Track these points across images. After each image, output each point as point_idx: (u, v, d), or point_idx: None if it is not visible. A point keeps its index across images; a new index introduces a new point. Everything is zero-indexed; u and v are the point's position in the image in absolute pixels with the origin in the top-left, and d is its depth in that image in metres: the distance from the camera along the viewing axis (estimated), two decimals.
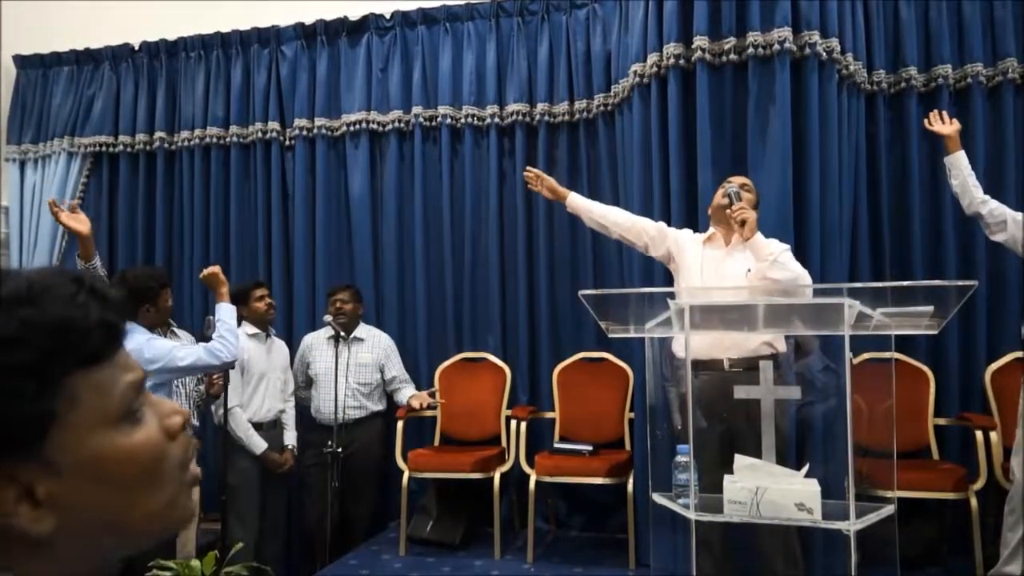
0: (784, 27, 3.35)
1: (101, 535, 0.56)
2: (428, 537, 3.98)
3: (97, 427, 0.55)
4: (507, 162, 4.54)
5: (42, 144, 5.18)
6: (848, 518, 2.09)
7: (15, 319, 0.53)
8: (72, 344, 0.54)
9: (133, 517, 0.57)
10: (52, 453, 0.53)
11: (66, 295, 0.55)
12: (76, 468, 0.54)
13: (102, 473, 0.55)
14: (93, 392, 0.55)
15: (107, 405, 0.56)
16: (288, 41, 4.83)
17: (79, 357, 0.55)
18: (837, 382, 2.33)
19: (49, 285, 0.55)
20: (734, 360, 2.78)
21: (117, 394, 0.57)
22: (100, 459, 0.55)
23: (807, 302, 2.57)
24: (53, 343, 0.53)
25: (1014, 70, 3.80)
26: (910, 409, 3.53)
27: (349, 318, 4.17)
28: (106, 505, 0.56)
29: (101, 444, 0.55)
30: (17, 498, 0.52)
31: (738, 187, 2.92)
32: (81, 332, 0.55)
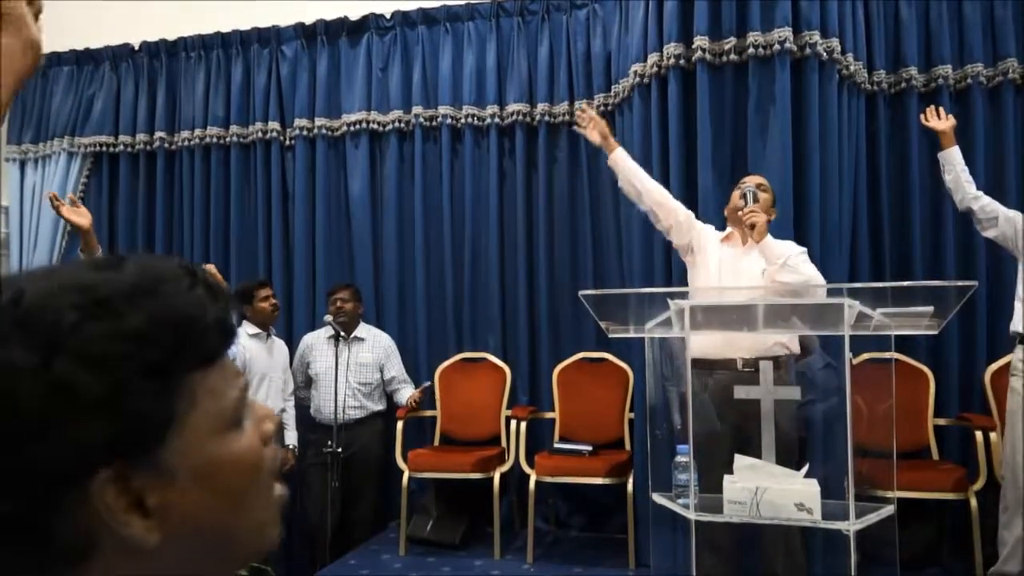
0: (784, 27, 3.35)
1: (202, 550, 0.53)
2: (428, 537, 3.98)
3: (211, 432, 0.52)
4: (507, 162, 4.55)
5: (42, 144, 5.18)
6: (848, 518, 2.09)
7: (143, 312, 0.49)
8: (192, 342, 0.51)
9: (235, 531, 0.54)
10: (167, 460, 0.50)
11: (183, 288, 0.52)
12: (189, 475, 0.51)
13: (213, 482, 0.52)
14: (208, 395, 0.52)
15: (221, 409, 0.53)
16: (288, 41, 4.83)
17: (198, 356, 0.52)
18: (837, 382, 2.33)
19: (163, 275, 0.52)
20: (747, 360, 2.76)
21: (231, 397, 0.54)
22: (213, 467, 0.52)
23: (808, 302, 2.57)
24: (177, 340, 0.50)
25: (1014, 70, 3.80)
26: (910, 409, 3.53)
27: (349, 317, 4.17)
28: (213, 517, 0.52)
29: (214, 451, 0.52)
30: (128, 506, 0.49)
31: (754, 187, 2.88)
32: (201, 330, 0.51)
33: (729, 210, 3.03)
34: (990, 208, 3.25)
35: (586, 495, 4.17)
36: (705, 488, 2.33)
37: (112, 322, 0.48)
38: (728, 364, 2.78)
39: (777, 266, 2.72)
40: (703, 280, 2.98)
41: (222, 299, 0.54)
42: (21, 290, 0.49)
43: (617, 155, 3.14)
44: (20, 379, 0.46)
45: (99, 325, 0.48)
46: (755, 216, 2.76)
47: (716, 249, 3.00)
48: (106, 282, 0.50)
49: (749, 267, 2.87)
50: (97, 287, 0.49)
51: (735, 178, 3.31)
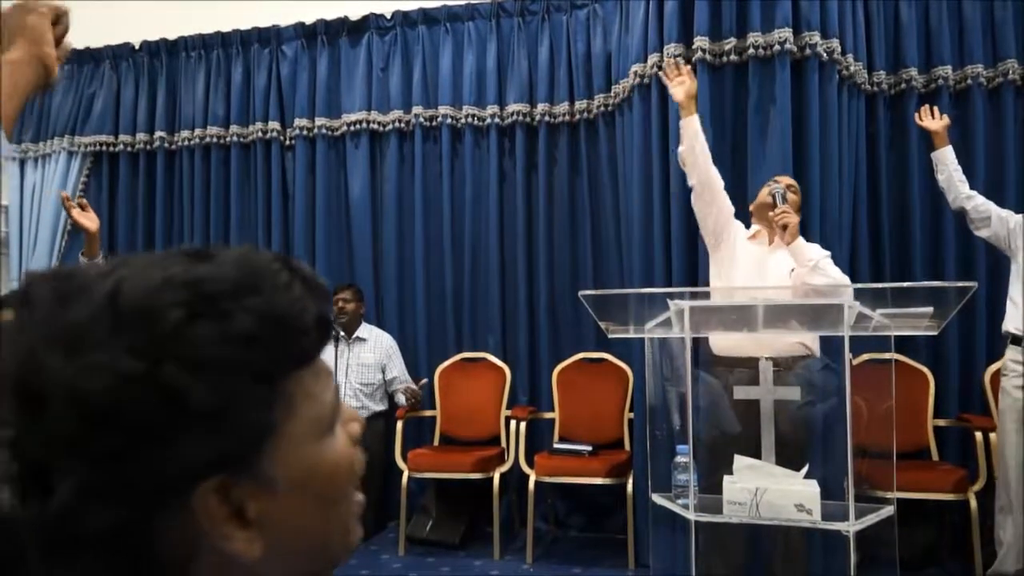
0: (784, 28, 3.35)
1: (296, 559, 0.50)
2: (428, 537, 3.98)
3: (310, 438, 0.49)
4: (507, 162, 4.55)
5: (42, 143, 5.18)
6: (847, 519, 2.09)
7: (249, 312, 0.45)
8: (293, 343, 0.48)
9: (328, 538, 0.52)
10: (268, 468, 0.47)
11: (282, 283, 0.48)
12: (289, 484, 0.48)
13: (312, 489, 0.50)
14: (306, 399, 0.49)
15: (319, 414, 0.50)
16: (288, 41, 4.83)
17: (297, 358, 0.48)
18: (837, 383, 2.33)
19: (263, 270, 0.48)
20: (771, 359, 2.74)
21: (326, 401, 0.51)
22: (312, 474, 0.49)
23: (808, 303, 2.57)
24: (281, 342, 0.47)
25: (1014, 71, 3.80)
26: (910, 410, 3.53)
27: (351, 318, 4.17)
28: (311, 525, 0.50)
29: (313, 457, 0.50)
30: (229, 517, 0.46)
31: (784, 188, 2.87)
32: (302, 329, 0.48)
33: (756, 207, 3.00)
34: (983, 208, 3.27)
35: (585, 495, 4.18)
36: (716, 489, 2.32)
37: (221, 323, 0.45)
38: (750, 363, 2.75)
39: (808, 268, 2.70)
40: (728, 277, 2.95)
41: (321, 294, 0.50)
42: (117, 284, 0.45)
43: (692, 119, 2.95)
44: (126, 387, 0.43)
45: (208, 327, 0.44)
46: (788, 217, 2.75)
47: (744, 247, 2.97)
48: (209, 278, 0.46)
49: (775, 266, 2.86)
50: (201, 283, 0.46)
51: (735, 179, 3.31)
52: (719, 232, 2.98)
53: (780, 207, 2.78)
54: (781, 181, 2.94)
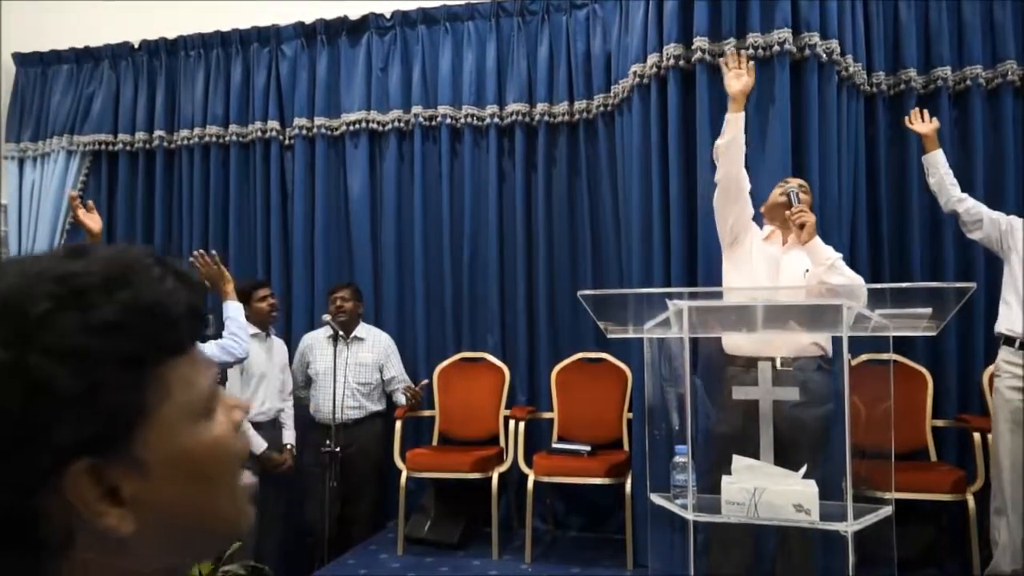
0: (784, 28, 3.35)
1: (177, 538, 0.53)
2: (426, 537, 3.98)
3: (183, 422, 0.52)
4: (507, 162, 4.55)
5: (41, 142, 5.18)
6: (846, 519, 2.09)
7: (115, 302, 0.48)
8: (164, 332, 0.51)
9: (210, 517, 0.54)
10: (140, 450, 0.50)
11: (154, 277, 0.51)
12: (162, 466, 0.51)
13: (186, 471, 0.52)
14: (180, 384, 0.52)
15: (193, 399, 0.53)
16: (288, 40, 4.83)
17: (170, 346, 0.51)
18: (835, 383, 2.33)
19: (133, 264, 0.51)
20: (785, 359, 2.71)
21: (202, 387, 0.54)
22: (186, 456, 0.52)
23: (806, 303, 2.57)
24: (150, 330, 0.50)
25: (1013, 72, 3.80)
26: (908, 410, 3.53)
27: (349, 317, 4.17)
28: (187, 504, 0.53)
29: (187, 440, 0.52)
30: (102, 497, 0.49)
31: (797, 187, 2.87)
32: (173, 319, 0.51)
33: (768, 208, 3.00)
34: (975, 211, 3.30)
35: (584, 495, 4.18)
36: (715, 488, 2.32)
37: (86, 314, 0.48)
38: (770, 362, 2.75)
39: (825, 267, 2.70)
40: (743, 277, 2.94)
41: (193, 288, 0.54)
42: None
43: (740, 116, 2.93)
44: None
45: (72, 317, 0.47)
46: (805, 216, 2.76)
47: (759, 247, 2.97)
48: (78, 272, 0.49)
49: (790, 267, 2.86)
50: (71, 278, 0.49)
51: None
52: (738, 232, 2.98)
53: (796, 206, 2.79)
54: (792, 182, 2.95)
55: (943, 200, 3.37)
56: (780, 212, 2.89)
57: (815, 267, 2.75)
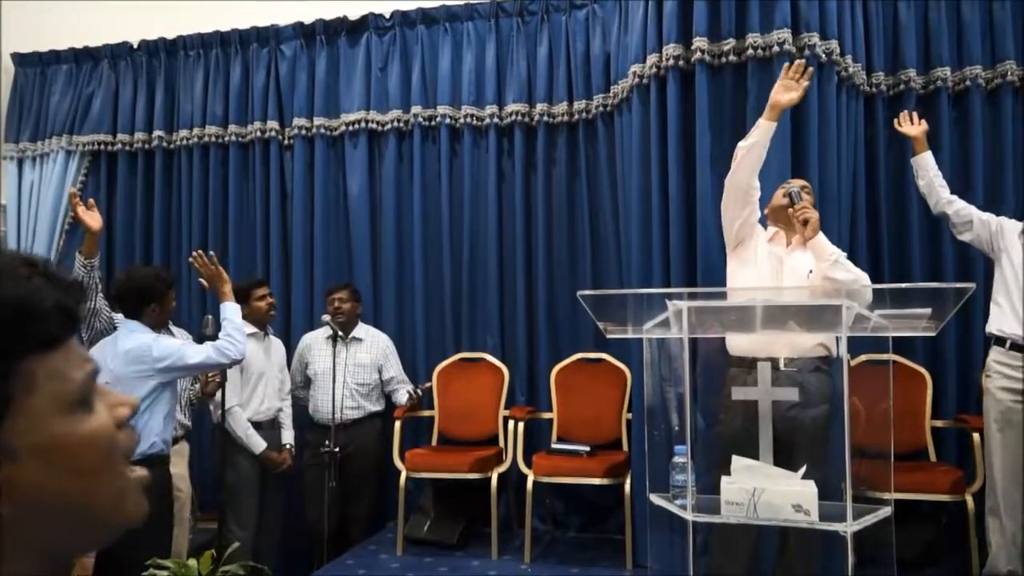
0: (783, 29, 3.35)
1: (55, 525, 0.56)
2: (425, 537, 3.98)
3: (54, 413, 0.55)
4: (506, 162, 4.55)
5: (40, 142, 5.18)
6: (845, 520, 2.09)
7: None
8: (29, 327, 0.54)
9: (90, 507, 0.57)
10: (7, 438, 0.52)
11: (20, 276, 0.54)
12: (32, 453, 0.53)
13: (59, 459, 0.55)
14: (50, 377, 0.55)
15: (63, 391, 0.55)
16: (287, 40, 4.83)
17: (36, 341, 0.54)
18: (835, 384, 2.33)
19: (2, 266, 0.55)
20: (789, 359, 2.72)
21: (74, 380, 0.56)
22: (57, 445, 0.55)
23: (805, 303, 2.57)
24: (11, 325, 0.53)
25: (1013, 72, 3.80)
26: (907, 411, 3.53)
27: (348, 317, 4.17)
28: (61, 492, 0.55)
29: (58, 430, 0.55)
30: None
31: (799, 188, 2.89)
32: (39, 315, 0.54)
33: (772, 209, 2.99)
34: (964, 212, 3.32)
35: (583, 495, 4.18)
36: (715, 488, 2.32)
37: None
38: (771, 363, 2.74)
39: (830, 262, 2.71)
40: (748, 278, 2.94)
41: (63, 286, 0.56)
42: None
43: (772, 125, 2.89)
44: None
45: None
46: (808, 212, 2.76)
47: (764, 249, 2.97)
48: None
49: (794, 268, 2.86)
50: None
51: None
52: (743, 236, 2.98)
53: (799, 203, 2.79)
54: (794, 183, 2.96)
55: (932, 202, 3.39)
56: (783, 213, 2.89)
57: (819, 263, 2.75)
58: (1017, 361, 3.10)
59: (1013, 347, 3.11)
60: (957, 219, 3.32)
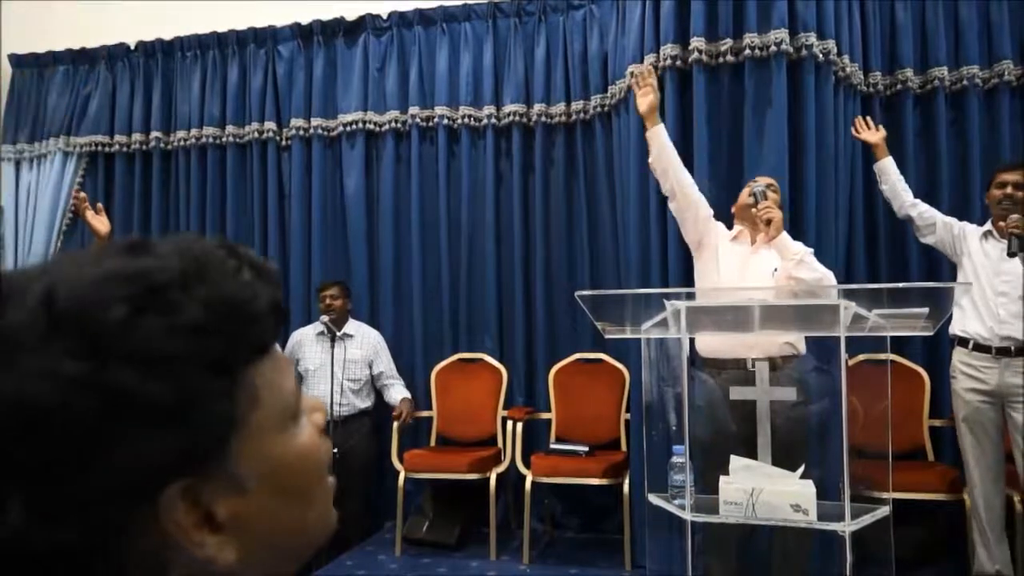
0: (781, 28, 3.35)
1: (274, 556, 0.48)
2: (424, 538, 3.98)
3: (276, 429, 0.47)
4: (504, 163, 4.54)
5: (37, 143, 5.17)
6: (843, 519, 2.09)
7: (195, 301, 0.43)
8: (247, 331, 0.45)
9: (305, 530, 0.50)
10: (235, 466, 0.44)
11: (230, 270, 0.46)
12: (259, 480, 0.46)
13: (283, 483, 0.47)
14: (269, 389, 0.47)
15: (282, 403, 0.48)
16: (284, 41, 4.82)
17: (254, 347, 0.46)
18: (833, 383, 2.33)
19: (207, 257, 0.45)
20: (758, 359, 2.70)
21: (288, 389, 0.49)
22: (280, 467, 0.47)
23: (804, 303, 2.57)
24: (233, 330, 0.44)
25: (1010, 72, 3.81)
26: (905, 410, 3.53)
27: (339, 314, 4.17)
28: (284, 519, 0.48)
29: (280, 449, 0.47)
30: (198, 523, 0.44)
31: (764, 186, 2.88)
32: (255, 317, 0.46)
33: (738, 208, 3.01)
34: (928, 215, 3.39)
35: (582, 496, 4.17)
36: (708, 489, 2.33)
37: (168, 316, 0.42)
38: (738, 364, 2.76)
39: (794, 261, 2.71)
40: (711, 278, 2.96)
41: (271, 280, 0.48)
42: (52, 284, 0.42)
43: (658, 129, 3.00)
44: (69, 393, 0.40)
45: (154, 320, 0.41)
46: (771, 211, 2.76)
47: (726, 248, 2.98)
48: (151, 270, 0.43)
49: (758, 267, 2.86)
50: (143, 276, 0.43)
51: (731, 179, 3.31)
52: (700, 233, 3.01)
53: (763, 203, 2.79)
54: (760, 181, 2.96)
55: (896, 206, 3.45)
56: (748, 212, 2.89)
57: (784, 262, 2.75)
58: (981, 361, 3.14)
59: (976, 348, 3.15)
60: (920, 222, 3.39)
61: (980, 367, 3.14)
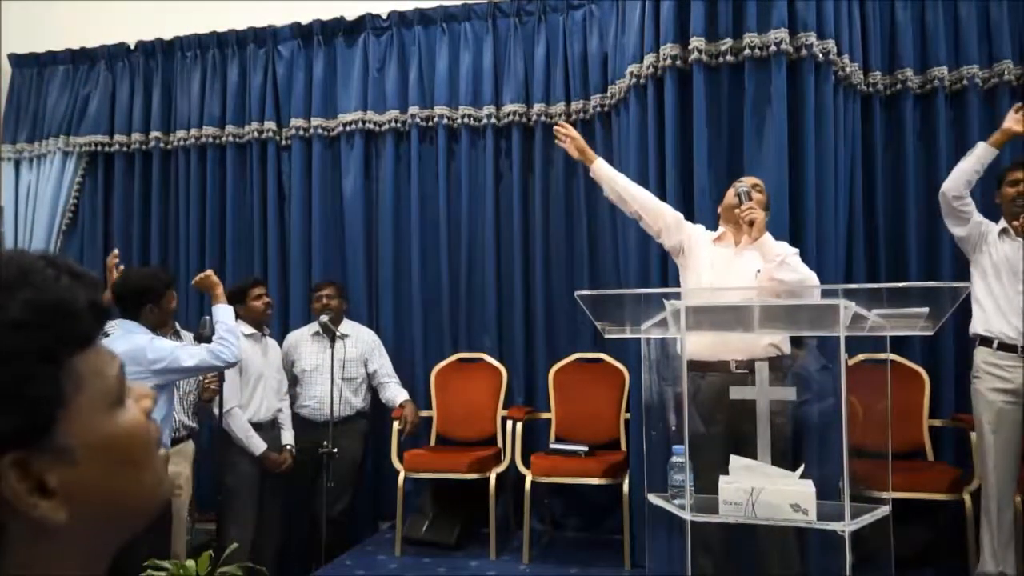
0: (781, 28, 3.35)
1: (107, 520, 0.56)
2: (424, 538, 3.98)
3: (100, 410, 0.55)
4: (503, 162, 4.55)
5: (37, 143, 5.17)
6: (843, 519, 2.09)
7: (18, 301, 0.52)
8: (70, 326, 0.54)
9: (136, 496, 0.58)
10: (63, 439, 0.53)
11: (49, 277, 0.55)
12: (86, 452, 0.54)
13: (108, 456, 0.55)
14: (93, 375, 0.55)
15: (106, 387, 0.56)
16: (284, 41, 4.82)
17: (77, 339, 0.55)
18: (833, 383, 2.34)
19: (28, 266, 0.54)
20: (740, 362, 2.71)
21: (111, 376, 0.57)
22: (107, 441, 0.55)
23: (804, 303, 2.57)
24: (59, 325, 0.53)
25: (1010, 72, 3.81)
26: (905, 410, 3.53)
27: (335, 314, 4.17)
28: (113, 487, 0.56)
29: (106, 426, 0.56)
30: (31, 489, 0.52)
31: (749, 187, 2.87)
32: (76, 314, 0.55)
33: (723, 208, 3.01)
34: (970, 206, 3.25)
35: (582, 495, 4.18)
36: (700, 489, 2.33)
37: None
38: (721, 366, 2.76)
39: (776, 263, 2.70)
40: (694, 281, 2.96)
41: (89, 284, 0.57)
42: None
43: (597, 165, 3.18)
44: None
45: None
46: (754, 212, 2.75)
47: (708, 250, 2.98)
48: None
49: (742, 268, 2.85)
50: None
51: (731, 179, 3.30)
52: (674, 241, 3.06)
53: (746, 204, 2.78)
54: (746, 181, 2.95)
55: (956, 184, 3.23)
56: (732, 213, 2.88)
57: (766, 264, 2.74)
58: (1007, 361, 3.10)
59: (1001, 347, 3.12)
60: (960, 205, 3.23)
61: (1006, 366, 3.10)
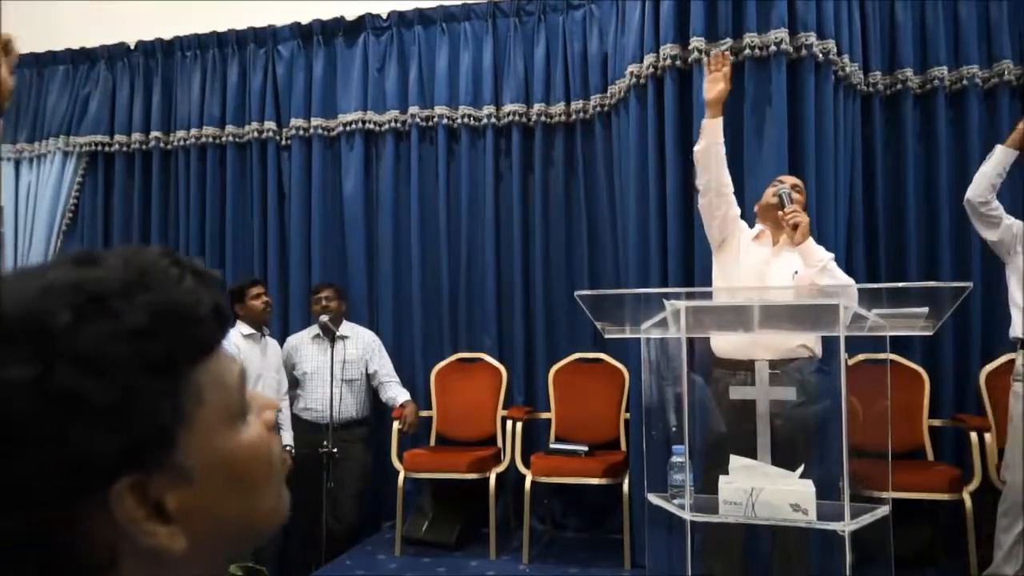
0: (781, 28, 3.35)
1: (223, 543, 0.52)
2: (424, 537, 3.98)
3: (222, 425, 0.50)
4: (503, 162, 4.54)
5: (37, 143, 5.17)
6: (843, 519, 2.09)
7: (138, 307, 0.46)
8: (191, 333, 0.49)
9: (255, 518, 0.53)
10: (182, 460, 0.48)
11: (173, 278, 0.49)
12: (206, 472, 0.49)
13: (230, 477, 0.50)
14: (213, 387, 0.50)
15: (227, 400, 0.51)
16: (284, 41, 4.82)
17: (198, 348, 0.49)
18: (832, 383, 2.33)
19: (150, 267, 0.49)
20: (772, 361, 2.64)
21: (233, 387, 0.52)
22: (228, 462, 0.50)
23: (804, 303, 2.57)
24: (177, 333, 0.48)
25: (1010, 72, 3.81)
26: (905, 410, 3.53)
27: (334, 315, 4.17)
28: (233, 510, 0.51)
29: (227, 445, 0.51)
30: (149, 515, 0.47)
31: (789, 188, 2.84)
32: (198, 319, 0.49)
33: (761, 208, 2.96)
34: (998, 210, 3.20)
35: (582, 495, 4.18)
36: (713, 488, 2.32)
37: (111, 322, 0.45)
38: (751, 365, 2.73)
39: (818, 268, 2.68)
40: (731, 277, 2.92)
41: (213, 285, 0.52)
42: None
43: (717, 122, 2.92)
44: (16, 395, 0.43)
45: (98, 326, 0.45)
46: (798, 216, 2.72)
47: (748, 248, 2.94)
48: (96, 279, 0.47)
49: (779, 269, 2.83)
50: (87, 284, 0.46)
51: (731, 179, 3.30)
52: (725, 234, 2.96)
53: (789, 207, 2.75)
54: (786, 181, 2.91)
55: (981, 190, 3.19)
56: (772, 212, 2.86)
57: (807, 268, 2.73)
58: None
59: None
60: (987, 210, 3.19)
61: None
